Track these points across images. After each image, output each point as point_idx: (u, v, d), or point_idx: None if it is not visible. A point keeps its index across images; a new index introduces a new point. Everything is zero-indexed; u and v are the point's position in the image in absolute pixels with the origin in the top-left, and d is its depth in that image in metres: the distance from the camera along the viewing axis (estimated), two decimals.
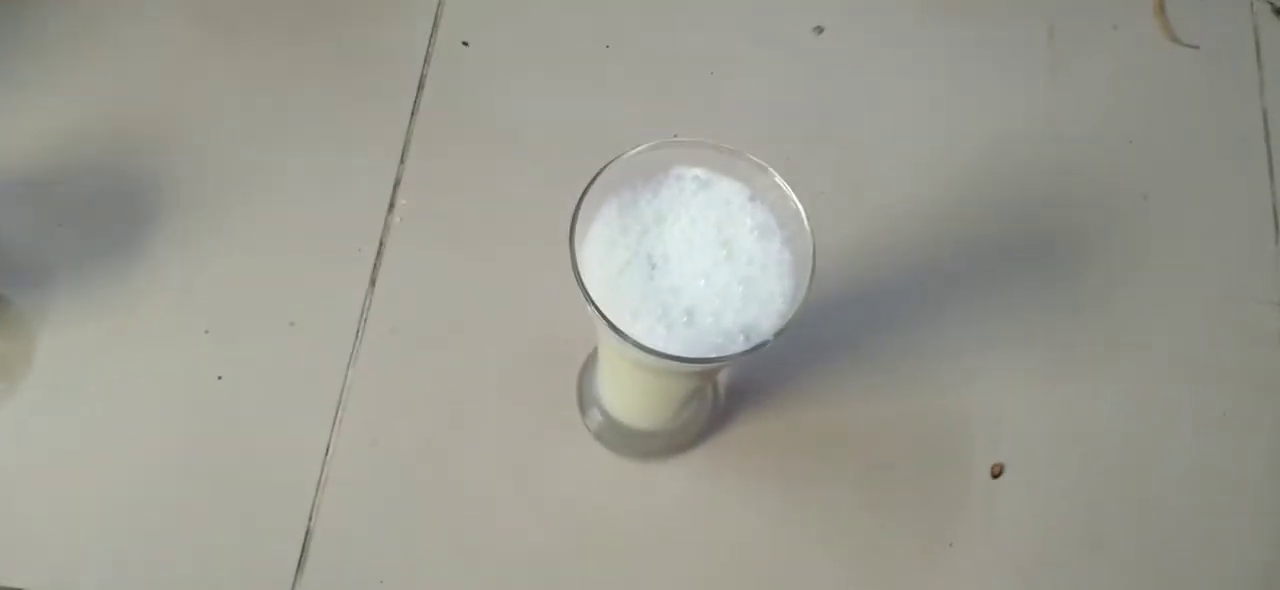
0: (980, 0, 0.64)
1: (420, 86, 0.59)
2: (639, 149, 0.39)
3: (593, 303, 0.37)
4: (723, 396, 0.53)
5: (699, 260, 0.39)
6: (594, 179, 0.38)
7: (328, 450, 0.50)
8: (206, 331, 0.52)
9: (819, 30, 0.62)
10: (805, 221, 0.38)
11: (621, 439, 0.51)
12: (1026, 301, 0.56)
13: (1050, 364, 0.54)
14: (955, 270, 0.56)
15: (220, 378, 0.51)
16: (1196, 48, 0.63)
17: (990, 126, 0.60)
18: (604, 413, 0.51)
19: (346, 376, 0.52)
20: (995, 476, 0.52)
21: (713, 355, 0.37)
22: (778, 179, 0.39)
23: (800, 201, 0.39)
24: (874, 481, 0.51)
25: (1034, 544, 0.50)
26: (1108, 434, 0.53)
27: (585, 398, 0.52)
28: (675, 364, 0.37)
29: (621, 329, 0.37)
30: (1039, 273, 0.57)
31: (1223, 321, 0.56)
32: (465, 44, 0.61)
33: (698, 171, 0.40)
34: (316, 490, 0.49)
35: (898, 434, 0.52)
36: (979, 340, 0.55)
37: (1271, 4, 0.64)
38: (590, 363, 0.52)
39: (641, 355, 0.37)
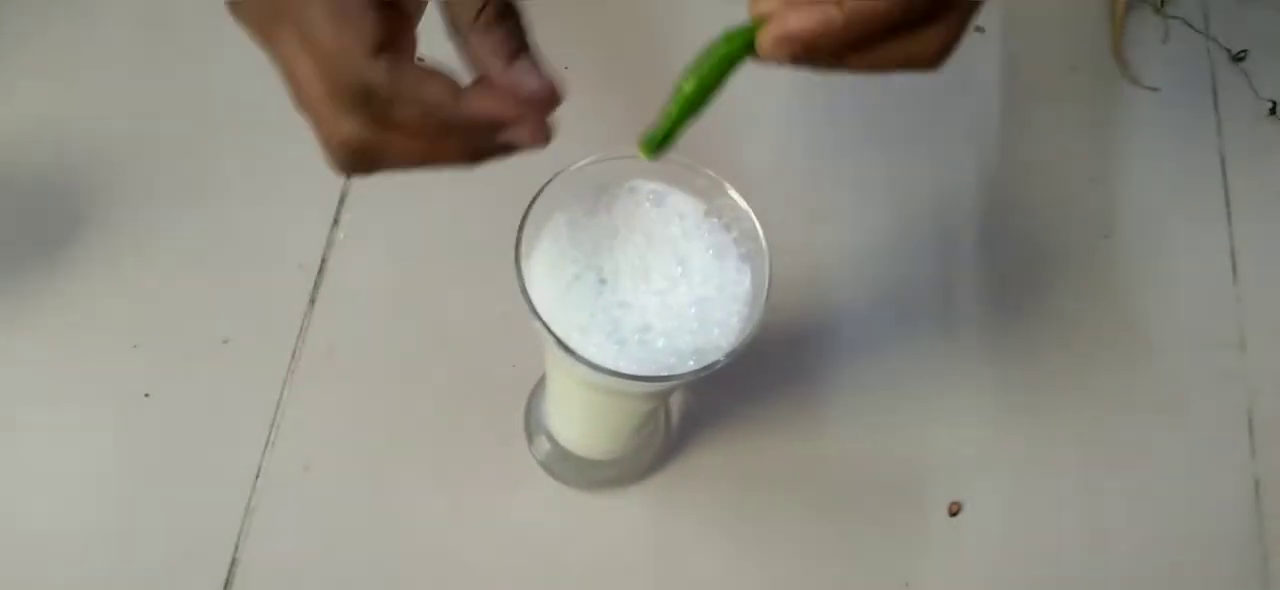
0: None
1: None
2: (587, 160, 0.38)
3: (538, 317, 0.35)
4: (675, 425, 0.51)
5: (654, 278, 0.38)
6: (541, 191, 0.37)
7: (258, 475, 0.48)
8: (135, 346, 0.50)
9: None
10: (762, 238, 0.37)
11: (570, 469, 0.49)
12: (986, 338, 0.55)
13: (1010, 402, 0.54)
14: (914, 305, 0.56)
15: (147, 395, 0.49)
16: (1156, 90, 0.63)
17: (950, 163, 0.60)
18: (552, 440, 0.49)
19: (281, 397, 0.50)
20: (953, 515, 0.51)
21: (665, 374, 0.36)
22: (733, 193, 0.38)
23: (758, 224, 0.37)
24: (828, 517, 0.50)
25: (991, 586, 0.49)
26: (1068, 474, 0.52)
27: (532, 425, 0.50)
28: (625, 383, 0.35)
29: (570, 345, 0.35)
30: (999, 309, 0.56)
31: (1182, 362, 0.56)
32: (421, 59, 0.59)
33: (653, 186, 0.39)
34: (244, 517, 0.47)
35: (853, 469, 0.51)
36: (938, 376, 0.54)
37: (1228, 50, 0.64)
38: (538, 389, 0.50)
39: (591, 374, 0.35)
